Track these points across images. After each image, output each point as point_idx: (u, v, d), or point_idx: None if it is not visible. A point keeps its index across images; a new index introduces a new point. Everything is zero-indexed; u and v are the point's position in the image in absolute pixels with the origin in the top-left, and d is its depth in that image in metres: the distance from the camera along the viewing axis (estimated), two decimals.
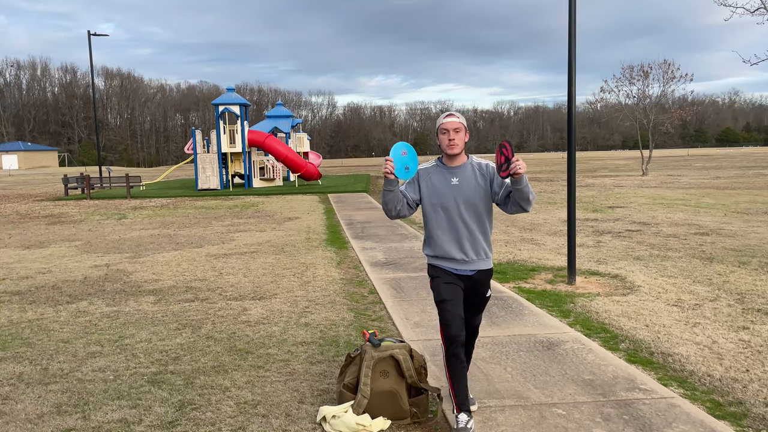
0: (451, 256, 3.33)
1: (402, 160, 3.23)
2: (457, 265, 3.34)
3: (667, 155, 70.75)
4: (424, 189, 3.35)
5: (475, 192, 3.29)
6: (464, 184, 3.29)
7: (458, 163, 3.33)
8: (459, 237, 3.31)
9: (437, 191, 3.32)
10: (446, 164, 3.35)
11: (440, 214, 3.33)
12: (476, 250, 3.33)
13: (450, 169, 3.33)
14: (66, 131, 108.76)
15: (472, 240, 3.32)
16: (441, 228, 3.33)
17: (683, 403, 3.63)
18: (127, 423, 3.54)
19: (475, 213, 3.31)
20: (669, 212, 14.19)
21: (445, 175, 3.33)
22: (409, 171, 3.26)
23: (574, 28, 6.88)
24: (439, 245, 3.35)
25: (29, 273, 8.40)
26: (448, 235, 3.33)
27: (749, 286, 6.63)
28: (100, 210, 18.37)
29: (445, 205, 3.31)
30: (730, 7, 11.16)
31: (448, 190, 3.30)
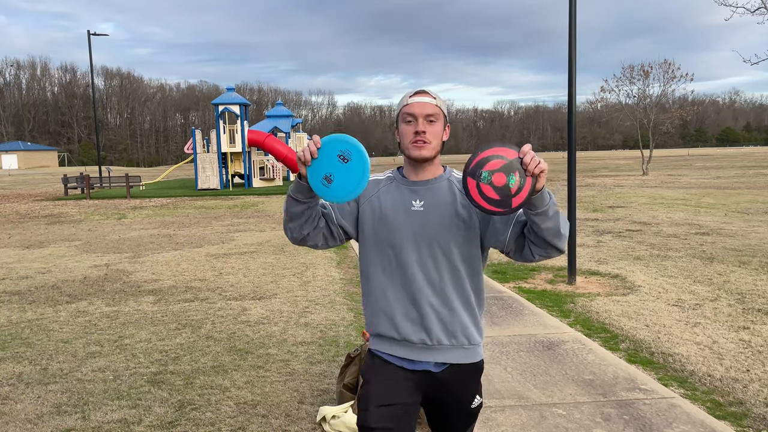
0: (404, 337, 1.94)
1: (332, 166, 1.78)
2: (414, 353, 1.96)
3: (667, 155, 70.76)
4: (367, 215, 1.99)
5: (449, 226, 1.92)
6: (433, 212, 1.93)
7: (427, 176, 1.98)
8: (419, 303, 1.93)
9: (387, 221, 1.95)
10: (407, 176, 2.00)
11: (390, 261, 1.95)
12: (449, 330, 1.94)
13: (413, 186, 1.97)
14: (66, 131, 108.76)
15: (443, 311, 1.94)
16: (390, 285, 1.96)
17: (684, 403, 3.63)
18: (126, 423, 3.54)
19: (448, 263, 1.93)
20: (669, 212, 14.19)
21: (403, 195, 1.96)
22: (332, 188, 1.78)
23: (574, 28, 6.87)
24: (384, 315, 1.96)
25: (29, 273, 8.39)
26: (400, 298, 1.95)
27: (750, 286, 6.63)
28: (99, 210, 18.37)
29: (399, 246, 1.93)
30: (731, 6, 11.16)
31: (405, 221, 1.94)
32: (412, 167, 1.99)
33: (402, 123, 1.96)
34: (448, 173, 2.03)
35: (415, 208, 1.95)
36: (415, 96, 1.96)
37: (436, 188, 1.97)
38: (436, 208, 1.94)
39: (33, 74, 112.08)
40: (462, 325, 1.96)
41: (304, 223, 1.95)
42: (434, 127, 1.93)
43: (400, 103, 2.01)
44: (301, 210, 1.91)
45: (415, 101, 1.94)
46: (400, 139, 1.98)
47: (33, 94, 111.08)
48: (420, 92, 1.97)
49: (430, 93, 1.97)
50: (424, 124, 1.91)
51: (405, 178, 2.02)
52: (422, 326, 1.94)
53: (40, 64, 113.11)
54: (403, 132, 1.95)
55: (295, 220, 1.94)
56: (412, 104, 1.94)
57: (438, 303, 1.94)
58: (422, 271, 1.93)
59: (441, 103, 1.97)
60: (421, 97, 1.95)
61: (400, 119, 1.97)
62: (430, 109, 1.93)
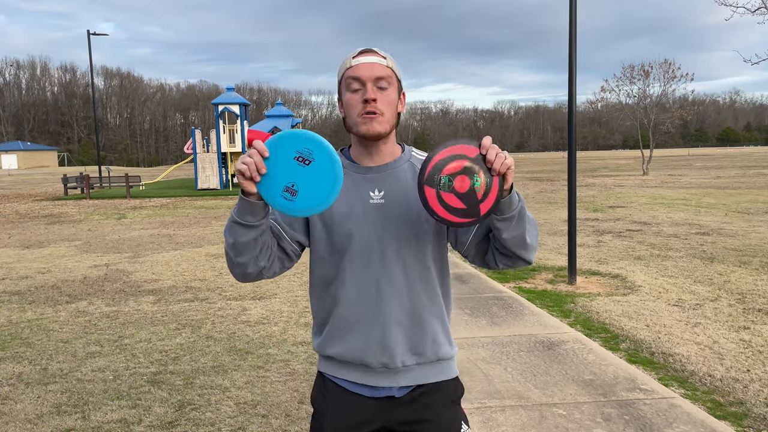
0: (361, 360, 1.59)
1: (291, 172, 1.39)
2: (372, 378, 1.60)
3: (667, 155, 70.79)
4: (316, 217, 1.60)
5: (418, 220, 1.56)
6: (397, 204, 1.57)
7: (384, 159, 1.60)
8: (382, 318, 1.57)
9: (341, 220, 1.57)
10: (358, 161, 1.61)
11: (346, 269, 1.58)
12: (416, 347, 1.59)
13: (368, 174, 1.59)
14: (65, 131, 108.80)
15: (410, 326, 1.59)
16: (345, 297, 1.59)
17: (684, 404, 3.63)
18: (126, 423, 3.53)
19: (419, 265, 1.59)
20: (670, 212, 14.19)
21: (357, 186, 1.58)
22: (299, 200, 1.40)
23: (574, 28, 6.87)
24: (337, 334, 1.61)
25: (29, 273, 8.39)
26: (358, 313, 1.58)
27: (750, 286, 6.63)
28: (99, 210, 18.36)
29: (358, 250, 1.57)
30: (731, 6, 11.15)
31: (363, 218, 1.56)
32: (363, 149, 1.59)
33: (346, 92, 1.55)
34: (407, 154, 1.65)
35: (374, 201, 1.57)
36: (359, 56, 1.55)
37: (396, 174, 1.59)
38: (399, 199, 1.57)
39: (33, 74, 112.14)
40: (432, 339, 1.61)
41: (259, 253, 1.51)
42: (387, 94, 1.54)
43: (341, 67, 1.58)
44: (253, 237, 1.47)
45: (361, 62, 1.53)
46: (344, 113, 1.57)
47: (33, 93, 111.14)
48: (366, 51, 1.56)
49: (379, 52, 1.57)
50: (374, 91, 1.52)
51: (356, 164, 1.61)
52: (385, 347, 1.57)
53: (40, 63, 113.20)
54: (348, 102, 1.54)
55: (247, 253, 1.49)
56: (356, 66, 1.53)
57: (405, 317, 1.58)
58: (387, 279, 1.56)
59: (393, 64, 1.57)
60: (368, 56, 1.54)
61: (344, 87, 1.56)
62: (380, 70, 1.53)
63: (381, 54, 1.57)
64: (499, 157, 1.38)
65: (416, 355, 1.60)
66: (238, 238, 1.47)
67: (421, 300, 1.60)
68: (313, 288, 1.69)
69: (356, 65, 1.54)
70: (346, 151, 1.67)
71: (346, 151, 1.67)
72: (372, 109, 1.51)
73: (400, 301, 1.58)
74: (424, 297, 1.60)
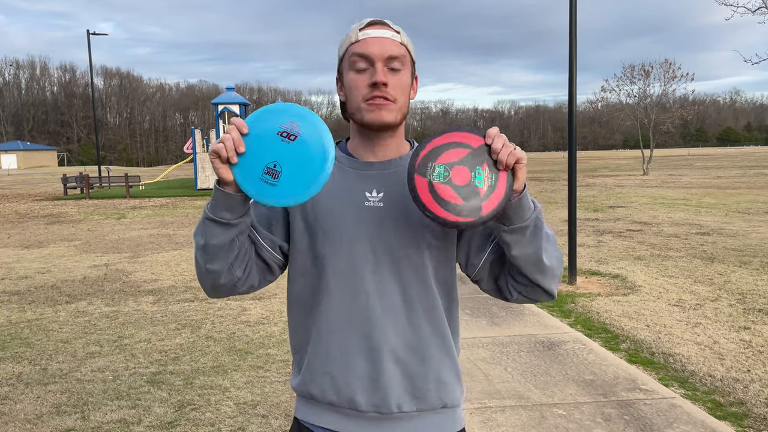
0: (350, 402, 1.30)
1: (274, 150, 1.17)
2: (362, 425, 1.31)
3: (667, 155, 70.79)
4: (298, 217, 1.34)
5: (422, 231, 1.30)
6: (398, 209, 1.30)
7: (388, 154, 1.35)
8: (375, 350, 1.29)
9: (329, 223, 1.31)
10: (356, 154, 1.36)
11: (332, 286, 1.30)
12: (418, 389, 1.31)
13: (366, 170, 1.34)
14: (65, 131, 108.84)
15: (410, 360, 1.30)
16: (331, 322, 1.30)
17: (684, 404, 3.62)
18: (126, 423, 3.53)
19: (421, 286, 1.31)
20: (670, 212, 14.19)
21: (351, 183, 1.33)
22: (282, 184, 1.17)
23: (574, 28, 6.86)
24: (320, 368, 1.32)
25: (28, 273, 8.38)
26: (346, 343, 1.30)
27: (750, 286, 6.62)
28: (99, 210, 18.36)
29: (347, 262, 1.30)
30: (731, 6, 11.15)
31: (356, 223, 1.30)
32: (365, 141, 1.33)
33: (349, 71, 1.28)
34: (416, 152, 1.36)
35: (370, 204, 1.29)
36: (368, 28, 1.28)
37: (401, 173, 1.32)
38: (402, 203, 1.29)
39: (32, 74, 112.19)
40: (437, 379, 1.31)
41: (235, 260, 1.25)
42: (400, 78, 1.28)
43: (344, 40, 1.31)
44: (229, 239, 1.22)
45: (370, 36, 1.27)
46: (345, 95, 1.31)
47: (32, 93, 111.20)
48: (375, 23, 1.29)
49: (391, 25, 1.30)
50: (385, 73, 1.26)
51: (352, 157, 1.35)
52: (377, 385, 1.27)
53: (40, 63, 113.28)
54: (352, 84, 1.27)
55: (220, 258, 1.23)
56: (365, 41, 1.27)
57: (404, 348, 1.28)
58: (382, 300, 1.27)
59: (407, 41, 1.32)
60: (379, 29, 1.28)
61: (346, 65, 1.29)
62: (392, 48, 1.27)
63: (394, 28, 1.30)
64: (507, 147, 1.15)
65: (416, 399, 1.29)
66: (211, 240, 1.22)
67: (423, 328, 1.30)
68: (292, 307, 1.38)
69: (364, 39, 1.27)
70: (342, 145, 1.40)
71: (343, 145, 1.40)
72: (382, 94, 1.25)
73: (398, 328, 1.28)
74: (427, 325, 1.31)
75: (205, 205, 1.24)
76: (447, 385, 1.33)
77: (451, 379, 1.34)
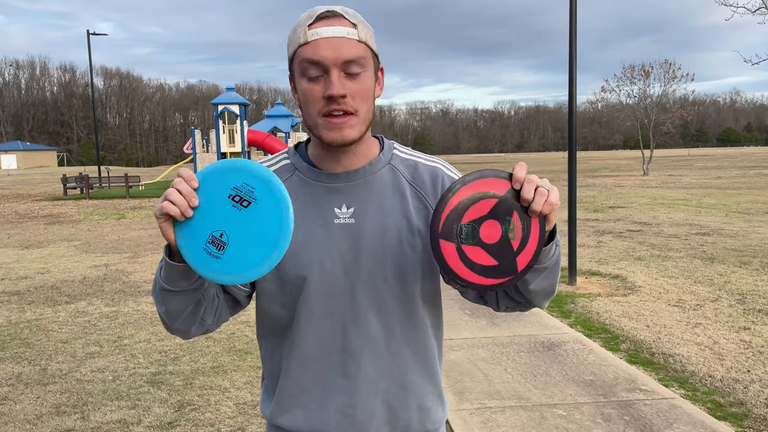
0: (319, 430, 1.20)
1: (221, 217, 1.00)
2: None
3: (668, 155, 70.80)
4: None
5: (400, 248, 1.17)
6: (372, 225, 1.17)
7: (356, 163, 1.20)
8: (352, 381, 1.18)
9: (294, 244, 1.12)
10: (320, 164, 1.21)
11: (301, 314, 1.18)
12: (397, 417, 1.21)
13: (332, 182, 1.19)
14: (65, 131, 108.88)
15: (390, 390, 1.20)
16: (300, 348, 1.19)
17: (684, 404, 3.62)
18: (126, 423, 3.53)
19: (402, 309, 1.20)
20: (670, 212, 14.18)
21: (317, 198, 1.19)
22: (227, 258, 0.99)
23: (574, 28, 6.86)
24: (291, 400, 1.21)
25: (28, 273, 8.38)
26: (317, 370, 1.19)
27: (750, 287, 6.62)
28: (99, 210, 18.36)
29: (317, 288, 1.17)
30: (731, 6, 11.15)
31: (325, 243, 1.17)
32: (327, 151, 1.18)
33: (300, 78, 1.11)
34: (387, 152, 1.23)
35: (341, 221, 1.16)
36: (318, 24, 1.09)
37: (372, 182, 1.19)
38: (375, 218, 1.17)
39: (32, 74, 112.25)
40: (419, 407, 1.22)
41: (204, 312, 1.14)
42: (361, 83, 1.10)
43: (291, 37, 1.12)
44: (192, 302, 1.10)
45: (321, 35, 1.08)
46: (299, 102, 1.15)
47: (32, 93, 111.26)
48: (327, 16, 1.09)
49: (346, 15, 1.11)
50: (342, 81, 1.08)
51: (316, 168, 1.19)
52: (354, 420, 1.18)
53: (39, 63, 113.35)
54: (305, 94, 1.11)
55: (187, 318, 1.12)
56: (314, 44, 1.08)
57: (382, 380, 1.18)
58: (359, 329, 1.16)
59: (367, 34, 1.12)
60: (332, 26, 1.08)
61: (297, 70, 1.12)
62: (349, 50, 1.08)
63: (350, 20, 1.10)
64: (540, 193, 1.00)
65: (397, 429, 1.21)
66: (172, 307, 1.09)
67: (404, 355, 1.19)
68: (262, 334, 1.26)
69: (314, 41, 1.08)
70: (302, 149, 1.24)
71: (303, 150, 1.24)
72: (341, 107, 1.09)
73: (376, 359, 1.17)
74: (408, 351, 1.20)
75: (156, 272, 1.08)
76: (428, 410, 1.24)
77: (432, 403, 1.25)
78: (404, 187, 1.20)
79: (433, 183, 1.22)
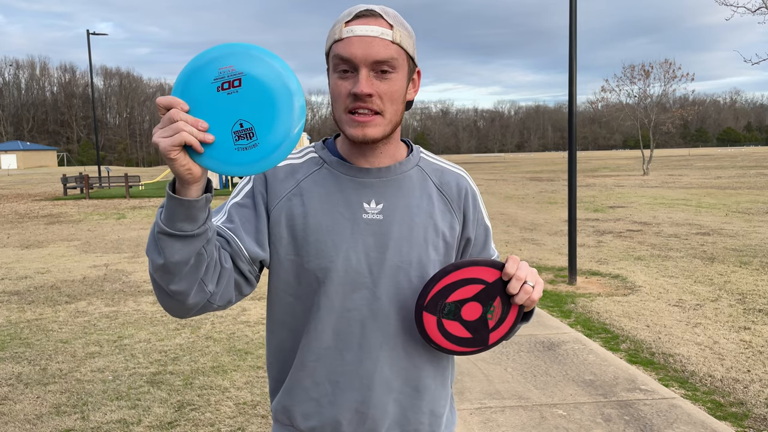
0: (333, 429, 1.19)
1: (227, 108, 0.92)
2: None
3: (668, 155, 70.79)
4: (283, 227, 1.17)
5: (426, 248, 1.19)
6: (400, 223, 1.18)
7: (384, 161, 1.21)
8: (367, 378, 1.18)
9: (318, 238, 1.16)
10: (349, 159, 1.20)
11: (320, 308, 1.17)
12: (408, 420, 1.22)
13: (362, 177, 1.19)
14: (65, 131, 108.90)
15: (404, 390, 1.21)
16: (317, 347, 1.18)
17: (684, 404, 3.62)
18: (126, 423, 3.53)
19: None
20: (670, 212, 14.18)
21: (345, 192, 1.18)
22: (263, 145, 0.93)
23: (575, 28, 6.86)
24: (303, 393, 1.20)
25: (28, 273, 8.38)
26: (333, 369, 1.18)
27: (750, 287, 6.62)
28: (98, 210, 18.36)
29: (339, 283, 1.16)
30: (731, 6, 11.15)
31: (351, 238, 1.16)
32: (354, 147, 1.18)
33: (333, 73, 1.12)
34: (415, 156, 1.24)
35: (369, 216, 1.15)
36: (355, 22, 1.09)
37: (401, 181, 1.20)
38: (404, 216, 1.17)
39: (32, 74, 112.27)
40: (431, 411, 1.22)
41: (205, 274, 1.05)
42: (390, 84, 1.09)
43: (330, 33, 1.13)
44: (194, 252, 1.00)
45: (355, 33, 1.07)
46: (334, 104, 1.14)
47: (32, 93, 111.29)
48: (365, 14, 1.09)
49: (384, 16, 1.10)
50: (370, 81, 1.08)
51: (345, 161, 1.19)
52: (365, 417, 1.17)
53: (39, 63, 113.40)
54: (335, 89, 1.11)
55: (187, 276, 1.02)
56: (348, 41, 1.08)
57: (397, 379, 1.18)
58: (378, 325, 1.16)
59: (403, 36, 1.11)
60: (368, 24, 1.08)
61: (331, 65, 1.13)
62: (381, 50, 1.07)
63: (386, 20, 1.10)
64: (525, 291, 1.08)
65: (409, 425, 1.21)
66: (171, 257, 0.98)
67: (419, 357, 1.20)
68: (274, 328, 1.24)
69: (348, 39, 1.08)
70: (330, 144, 1.23)
71: (331, 144, 1.23)
72: (366, 105, 1.08)
73: (393, 357, 1.18)
74: (424, 353, 1.21)
75: (156, 215, 0.99)
76: (440, 417, 1.25)
77: (444, 410, 1.26)
78: (432, 190, 1.22)
79: (458, 191, 1.25)
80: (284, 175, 1.18)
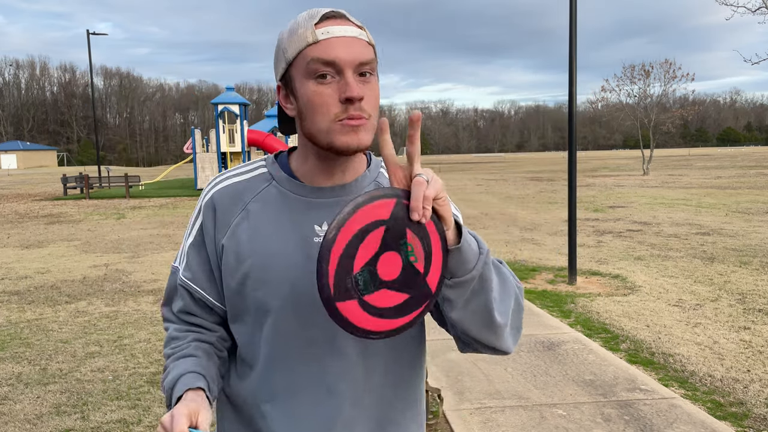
0: None
1: None
2: None
3: (668, 155, 70.79)
4: (230, 255, 1.05)
5: None
6: None
7: (345, 177, 1.08)
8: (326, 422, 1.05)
9: (266, 266, 1.02)
10: (301, 177, 1.08)
11: (267, 340, 1.04)
12: None
13: (314, 197, 1.06)
14: (65, 131, 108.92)
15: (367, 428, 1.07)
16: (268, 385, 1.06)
17: (684, 404, 3.62)
18: (126, 423, 3.53)
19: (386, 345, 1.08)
20: (670, 212, 14.18)
21: (295, 214, 1.05)
22: None
23: (574, 28, 6.86)
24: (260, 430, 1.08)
25: (28, 273, 8.38)
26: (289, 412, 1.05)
27: (750, 286, 6.62)
28: (98, 210, 18.36)
29: (291, 317, 1.03)
30: (731, 6, 11.15)
31: (301, 266, 1.02)
32: (323, 163, 1.05)
33: (307, 79, 0.98)
34: (374, 168, 1.12)
35: (320, 239, 1.03)
36: (327, 24, 0.99)
37: None
38: None
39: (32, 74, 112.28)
40: None
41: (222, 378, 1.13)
42: (372, 87, 1.00)
43: (293, 38, 1.00)
44: None
45: (335, 34, 0.98)
46: (299, 109, 1.02)
47: (32, 93, 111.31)
48: (335, 15, 1.00)
49: (351, 18, 1.02)
50: (358, 83, 0.98)
51: (297, 180, 1.07)
52: None
53: (39, 63, 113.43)
54: (315, 98, 0.98)
55: None
56: (328, 42, 0.97)
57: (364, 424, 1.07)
58: (338, 364, 1.04)
59: (371, 37, 1.04)
60: (341, 25, 0.99)
61: (301, 72, 0.99)
62: (363, 52, 0.99)
63: (355, 22, 1.02)
64: (417, 189, 0.84)
65: None
66: None
67: (387, 396, 1.07)
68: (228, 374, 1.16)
69: (326, 40, 0.97)
70: (283, 159, 1.11)
71: (283, 160, 1.11)
72: (359, 113, 0.97)
73: (357, 400, 1.05)
74: (390, 392, 1.08)
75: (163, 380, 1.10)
76: None
77: None
78: None
79: None
80: (230, 200, 1.07)
